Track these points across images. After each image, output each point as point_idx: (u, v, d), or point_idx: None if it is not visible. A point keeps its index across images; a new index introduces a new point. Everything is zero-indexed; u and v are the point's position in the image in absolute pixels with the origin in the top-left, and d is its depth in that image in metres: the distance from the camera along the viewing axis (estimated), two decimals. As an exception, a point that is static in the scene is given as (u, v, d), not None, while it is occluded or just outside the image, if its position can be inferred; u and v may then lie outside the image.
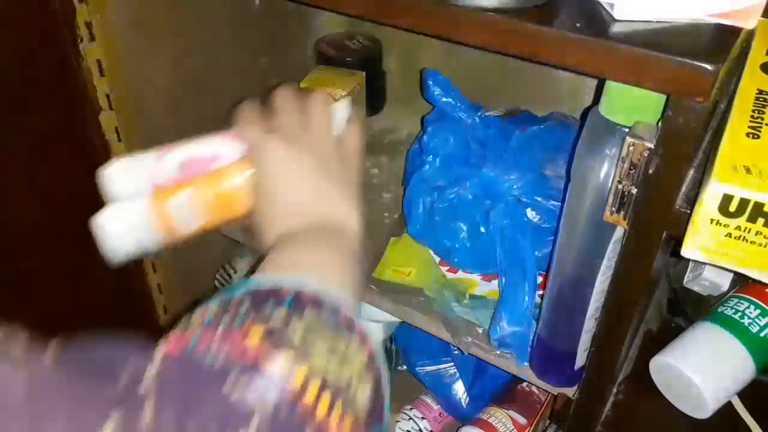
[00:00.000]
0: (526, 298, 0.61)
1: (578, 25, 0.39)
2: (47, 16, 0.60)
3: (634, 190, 0.43)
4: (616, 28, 0.39)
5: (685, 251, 0.39)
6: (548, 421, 0.76)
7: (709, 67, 0.35)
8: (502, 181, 0.66)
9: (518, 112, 0.81)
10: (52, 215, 0.68)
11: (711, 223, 0.37)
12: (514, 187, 0.66)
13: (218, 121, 0.45)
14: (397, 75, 0.96)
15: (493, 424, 0.78)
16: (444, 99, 0.70)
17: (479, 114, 0.71)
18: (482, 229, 0.67)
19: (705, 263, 0.39)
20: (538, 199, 0.66)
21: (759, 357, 0.58)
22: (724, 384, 0.57)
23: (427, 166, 0.70)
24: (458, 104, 0.70)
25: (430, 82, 0.70)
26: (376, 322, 0.88)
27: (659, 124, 0.41)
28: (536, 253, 0.64)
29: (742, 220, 0.36)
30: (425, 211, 0.70)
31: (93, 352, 0.27)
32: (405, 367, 0.96)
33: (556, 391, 0.61)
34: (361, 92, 0.88)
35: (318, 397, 0.26)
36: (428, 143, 0.70)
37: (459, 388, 0.87)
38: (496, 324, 0.61)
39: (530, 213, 0.66)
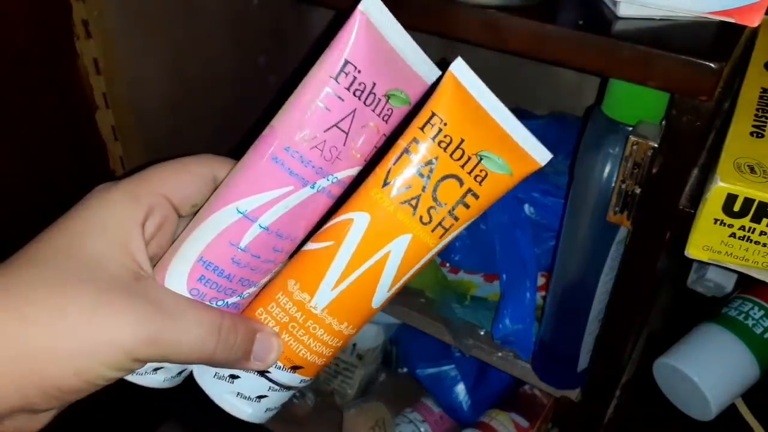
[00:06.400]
0: (528, 295, 0.61)
1: (581, 22, 0.39)
2: (42, 13, 0.60)
3: (638, 190, 0.42)
4: (619, 26, 0.39)
5: (689, 252, 0.39)
6: (551, 424, 0.76)
7: (713, 65, 0.35)
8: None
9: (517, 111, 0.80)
10: (45, 215, 0.67)
11: (715, 223, 0.36)
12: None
13: (216, 120, 0.44)
14: (397, 75, 0.96)
15: (495, 427, 0.78)
16: None
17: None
18: (482, 226, 0.67)
19: (709, 264, 0.39)
20: (536, 195, 0.65)
21: (763, 359, 0.57)
22: (728, 386, 0.57)
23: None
24: None
25: None
26: (376, 323, 0.87)
27: (663, 123, 0.41)
28: (535, 249, 0.64)
29: (746, 220, 0.36)
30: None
31: None
32: (405, 369, 0.96)
33: (558, 393, 0.60)
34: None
35: None
36: None
37: (460, 391, 0.87)
38: (498, 322, 0.61)
39: (528, 209, 0.66)
